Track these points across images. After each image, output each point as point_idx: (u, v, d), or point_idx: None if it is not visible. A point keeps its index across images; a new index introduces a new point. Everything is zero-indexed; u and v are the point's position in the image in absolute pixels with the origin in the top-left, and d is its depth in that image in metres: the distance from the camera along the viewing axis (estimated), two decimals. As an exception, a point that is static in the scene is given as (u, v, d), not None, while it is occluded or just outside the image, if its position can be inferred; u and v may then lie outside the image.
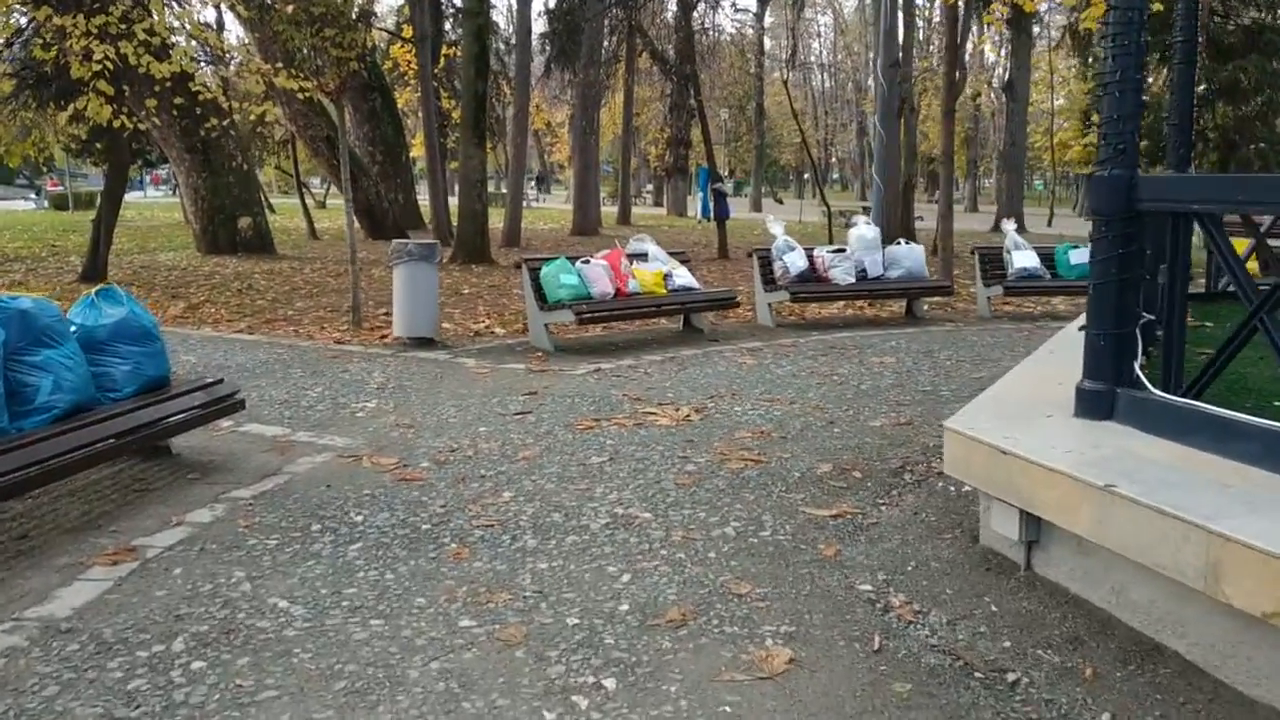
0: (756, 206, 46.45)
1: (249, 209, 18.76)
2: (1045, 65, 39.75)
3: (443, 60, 28.05)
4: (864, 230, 11.08)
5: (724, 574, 3.88)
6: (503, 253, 19.48)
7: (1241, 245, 12.58)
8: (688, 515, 4.55)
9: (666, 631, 3.39)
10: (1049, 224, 34.74)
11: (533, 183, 46.54)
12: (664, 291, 9.48)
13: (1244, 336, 3.36)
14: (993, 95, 51.53)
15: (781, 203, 56.63)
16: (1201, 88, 18.44)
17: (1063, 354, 5.46)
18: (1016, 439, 3.63)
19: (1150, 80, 20.19)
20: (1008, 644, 3.27)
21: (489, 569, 3.95)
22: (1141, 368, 3.76)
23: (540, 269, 8.95)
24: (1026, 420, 3.93)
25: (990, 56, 49.80)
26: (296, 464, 5.42)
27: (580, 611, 3.55)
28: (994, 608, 3.52)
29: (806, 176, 70.46)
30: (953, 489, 4.90)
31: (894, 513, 4.56)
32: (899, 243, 11.58)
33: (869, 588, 3.74)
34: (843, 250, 10.82)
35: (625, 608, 3.58)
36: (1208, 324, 5.90)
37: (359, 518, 4.54)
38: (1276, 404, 3.85)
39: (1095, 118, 40.63)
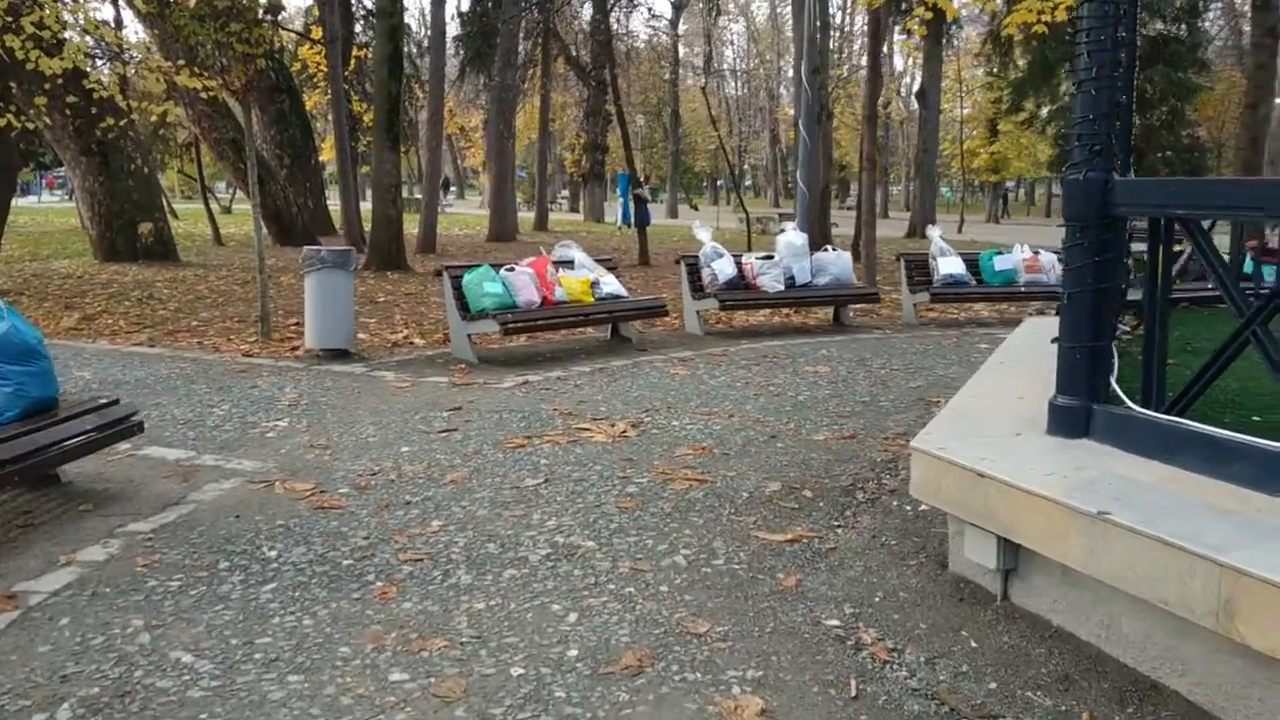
0: (673, 213, 46.42)
1: (150, 214, 17.89)
2: (951, 74, 40.41)
3: (353, 62, 27.33)
4: (792, 237, 10.90)
5: (679, 610, 3.56)
6: (418, 259, 18.95)
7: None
8: (634, 543, 4.23)
9: (622, 681, 3.07)
10: (959, 230, 35.19)
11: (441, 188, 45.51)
12: (591, 300, 9.15)
13: (1235, 349, 3.16)
14: (902, 103, 52.37)
15: (697, 209, 56.73)
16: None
17: (1014, 365, 5.28)
18: (992, 460, 3.39)
19: (1062, 89, 20.55)
20: (993, 685, 3.02)
21: (420, 610, 3.57)
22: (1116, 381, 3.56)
23: (462, 277, 8.55)
24: (996, 439, 3.70)
25: (900, 64, 50.58)
26: (202, 491, 4.96)
27: (525, 659, 3.20)
28: (973, 643, 3.27)
29: (720, 183, 70.86)
30: (909, 508, 4.66)
31: (852, 536, 4.30)
32: (826, 249, 11.43)
33: (837, 622, 3.46)
34: (771, 257, 10.62)
35: (574, 653, 3.24)
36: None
37: (272, 553, 4.13)
38: (1255, 419, 3.68)
39: (1002, 126, 41.45)
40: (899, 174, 65.15)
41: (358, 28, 32.34)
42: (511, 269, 8.76)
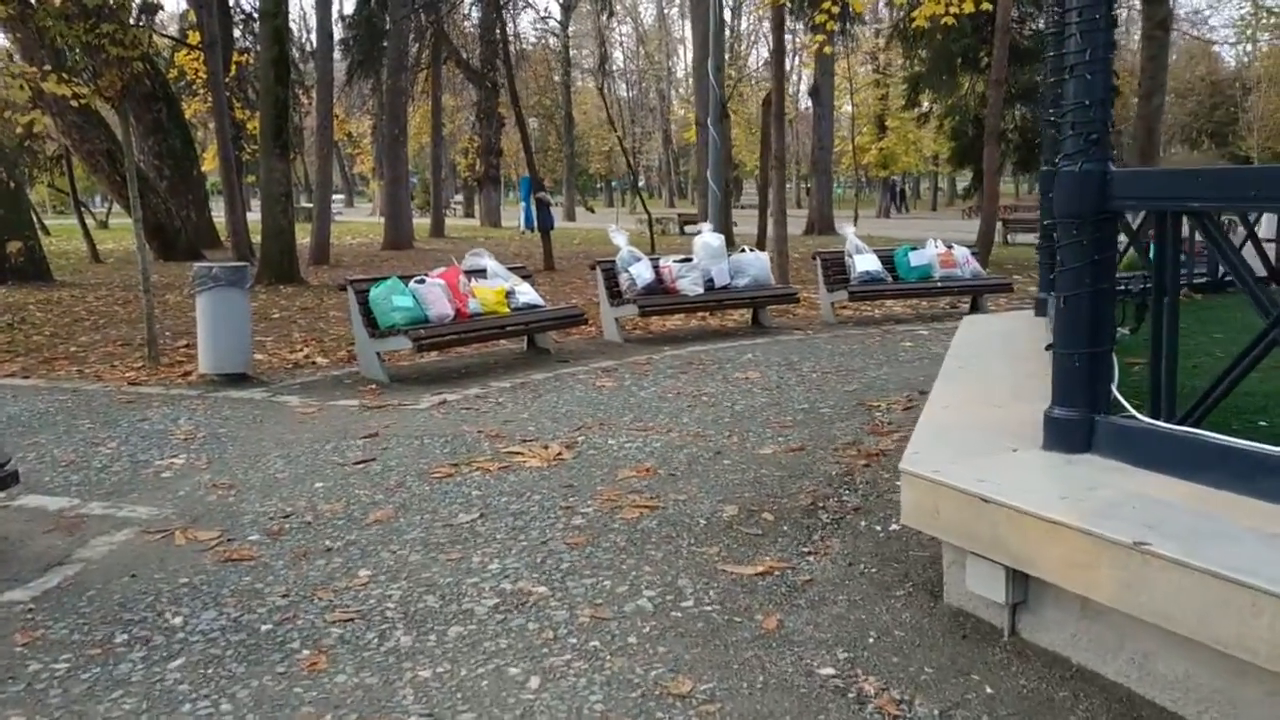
0: (570, 215, 45.97)
1: (19, 231, 16.72)
2: (841, 71, 40.80)
3: (234, 68, 26.19)
4: (709, 239, 10.58)
5: (655, 666, 3.16)
6: (312, 271, 18.18)
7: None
8: (590, 586, 3.81)
9: (606, 761, 2.66)
10: (854, 224, 35.49)
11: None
12: (507, 311, 8.68)
13: (1261, 351, 2.90)
14: (792, 101, 52.79)
15: (593, 211, 56.50)
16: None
17: (973, 368, 5.02)
18: (995, 483, 3.06)
19: (959, 91, 20.72)
20: (1022, 740, 2.69)
21: (357, 684, 3.10)
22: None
23: (369, 291, 8.00)
24: (991, 457, 3.38)
25: (788, 62, 50.92)
26: (90, 547, 4.38)
27: (488, 740, 2.77)
28: (988, 688, 2.94)
29: (615, 185, 70.58)
30: (879, 529, 4.34)
31: (826, 565, 3.95)
32: (743, 250, 11.15)
33: (832, 671, 3.10)
34: (689, 260, 10.29)
35: (544, 729, 2.82)
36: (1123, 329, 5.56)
37: (177, 619, 3.60)
38: (1262, 423, 3.44)
39: (890, 123, 42.08)
40: (791, 171, 65.76)
41: (237, 32, 31.12)
42: (422, 280, 8.23)
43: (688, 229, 31.68)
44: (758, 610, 3.55)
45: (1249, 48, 53.59)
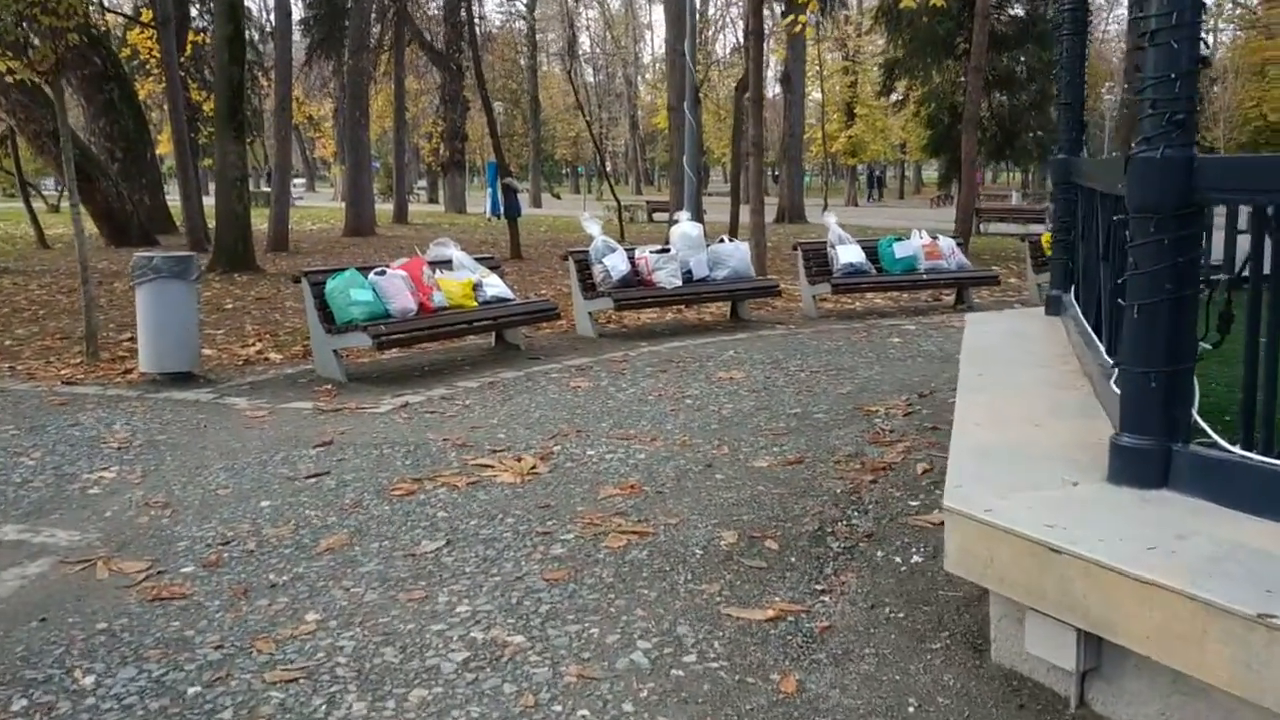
0: (537, 202, 45.26)
1: (-41, 215, 15.95)
2: (812, 58, 40.37)
3: (189, 48, 25.28)
4: (687, 228, 10.06)
5: (657, 744, 2.66)
6: (269, 258, 17.48)
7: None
8: (575, 634, 3.29)
9: None
10: (824, 212, 35.11)
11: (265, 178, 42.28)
12: (475, 304, 8.12)
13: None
14: (765, 87, 52.32)
15: (559, 198, 55.82)
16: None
17: (996, 376, 4.54)
18: (1064, 527, 2.58)
19: (936, 78, 20.31)
20: None
21: (300, 770, 2.57)
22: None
23: (325, 283, 7.41)
24: (1046, 491, 2.90)
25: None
26: (-3, 583, 3.81)
27: None
28: (1060, 777, 2.46)
29: (582, 171, 69.91)
30: (898, 560, 3.86)
31: (844, 607, 3.46)
32: (722, 240, 10.66)
33: (868, 751, 2.61)
34: (667, 250, 9.77)
35: (528, 836, 2.30)
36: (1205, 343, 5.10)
37: (89, 679, 3.04)
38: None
39: (859, 110, 41.75)
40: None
41: (194, 10, 30.18)
42: (382, 272, 7.65)
43: (656, 216, 31.17)
44: (772, 667, 3.04)
45: (1210, 39, 53.90)
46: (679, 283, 9.57)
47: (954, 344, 8.91)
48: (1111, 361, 3.57)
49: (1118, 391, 3.20)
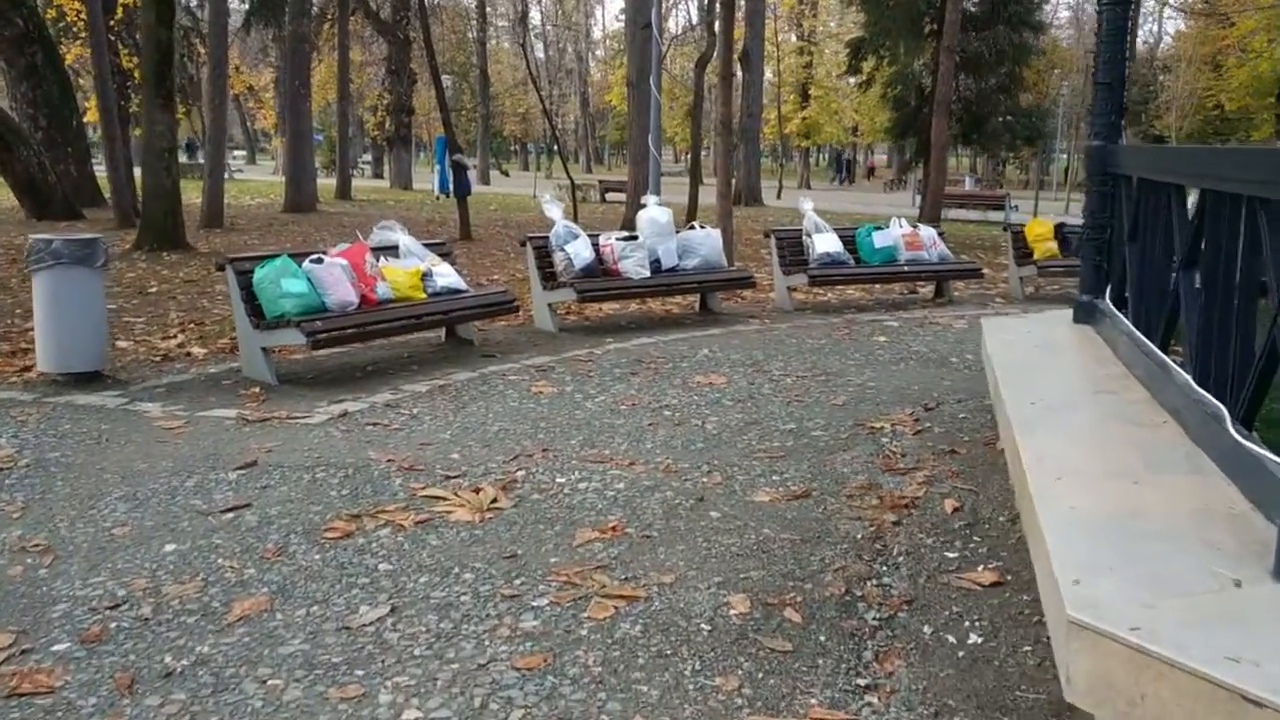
0: (485, 179, 44.09)
1: None
2: (768, 36, 39.63)
3: (120, 11, 23.90)
4: (656, 213, 9.26)
5: None
6: (203, 235, 16.39)
7: (1041, 227, 11.77)
8: (560, 760, 2.52)
9: None
10: (778, 196, 34.55)
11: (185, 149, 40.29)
12: (423, 296, 7.27)
13: None
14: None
15: (508, 175, 54.60)
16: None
17: (1046, 403, 3.81)
18: (1256, 663, 1.86)
19: (920, 62, 19.66)
20: None
21: None
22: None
23: (253, 273, 6.52)
24: (1205, 597, 2.17)
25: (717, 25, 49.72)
26: None
27: None
28: None
29: (530, 148, 68.57)
30: (951, 639, 3.14)
31: (901, 715, 2.72)
32: (693, 227, 9.90)
33: None
34: (635, 238, 8.98)
35: None
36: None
37: (-103, 837, 2.22)
38: None
39: (814, 92, 41.22)
40: (710, 139, 64.61)
41: (124, -29, 28.62)
42: (319, 260, 6.77)
43: (609, 197, 30.31)
44: (825, 816, 2.30)
45: (1154, 29, 54.59)
46: (647, 273, 8.79)
47: (946, 344, 8.27)
48: (1224, 408, 2.86)
49: (1254, 450, 2.50)
